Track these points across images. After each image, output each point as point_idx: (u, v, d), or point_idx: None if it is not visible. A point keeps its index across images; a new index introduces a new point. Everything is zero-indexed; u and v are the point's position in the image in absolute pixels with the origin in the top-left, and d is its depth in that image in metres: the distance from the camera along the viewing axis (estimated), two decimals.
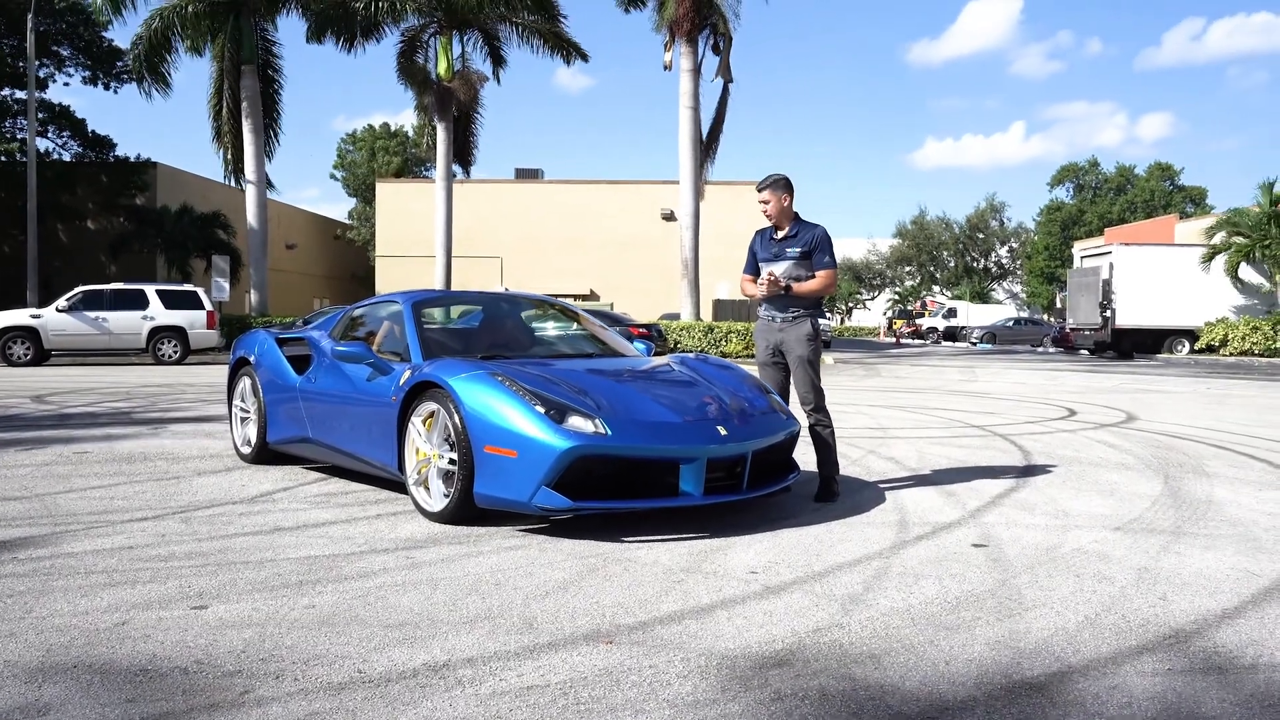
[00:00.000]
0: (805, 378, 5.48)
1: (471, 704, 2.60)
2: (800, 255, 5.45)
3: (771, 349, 5.55)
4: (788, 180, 5.55)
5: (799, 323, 5.46)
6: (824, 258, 5.47)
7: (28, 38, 25.09)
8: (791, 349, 5.46)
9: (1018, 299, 73.56)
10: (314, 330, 6.57)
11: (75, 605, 3.43)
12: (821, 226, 5.53)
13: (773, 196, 5.50)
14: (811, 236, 5.45)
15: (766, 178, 5.55)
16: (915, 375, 19.58)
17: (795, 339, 5.45)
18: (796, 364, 5.47)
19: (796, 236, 5.49)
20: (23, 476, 6.09)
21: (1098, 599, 3.66)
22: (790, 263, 5.45)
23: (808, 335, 5.46)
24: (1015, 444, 8.27)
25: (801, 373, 5.47)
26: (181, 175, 37.08)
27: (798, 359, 5.45)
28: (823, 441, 5.52)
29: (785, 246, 5.49)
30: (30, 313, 20.43)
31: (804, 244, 5.45)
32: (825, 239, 5.49)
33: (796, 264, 5.45)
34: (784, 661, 2.96)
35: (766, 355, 5.59)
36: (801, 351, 5.44)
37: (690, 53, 25.98)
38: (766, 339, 5.57)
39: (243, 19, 26.01)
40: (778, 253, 5.51)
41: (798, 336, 5.45)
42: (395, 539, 4.53)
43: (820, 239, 5.46)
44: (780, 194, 5.50)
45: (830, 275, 5.48)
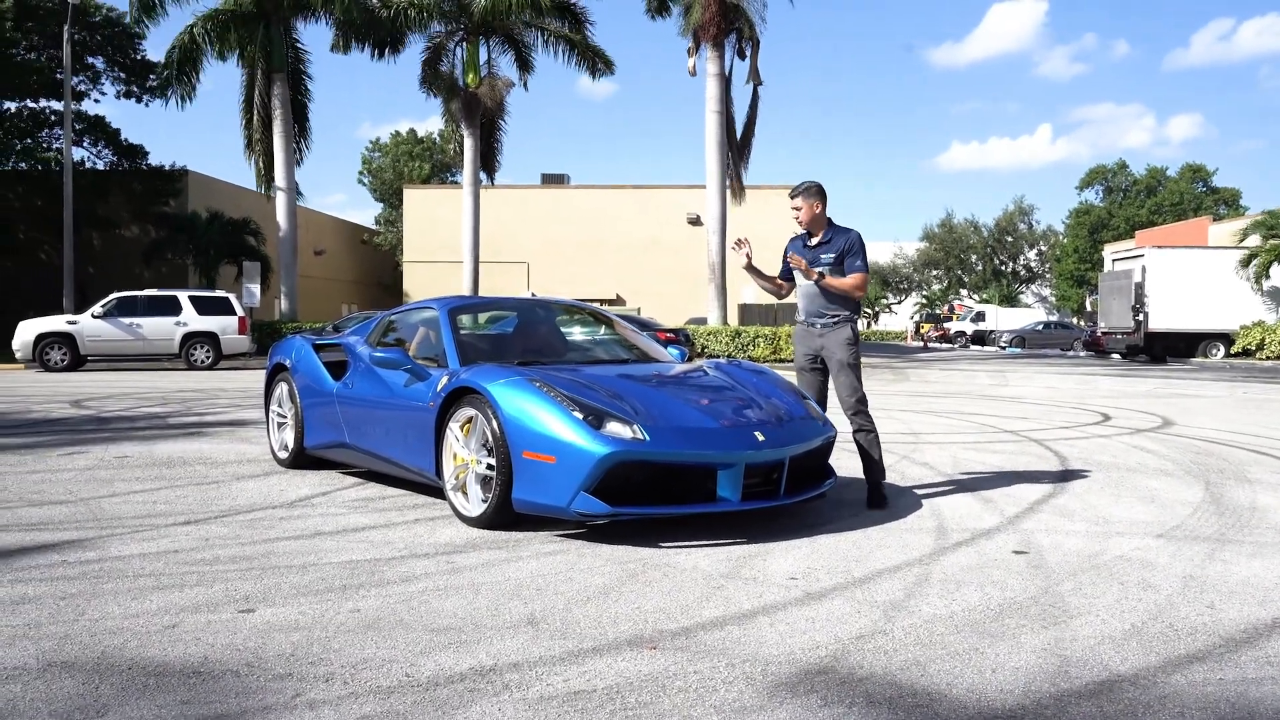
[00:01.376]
0: (847, 382, 5.48)
1: (520, 708, 2.61)
2: (834, 261, 5.49)
3: (811, 354, 5.58)
4: (820, 187, 5.59)
5: (839, 327, 5.49)
6: (856, 261, 5.50)
7: (64, 50, 25.49)
8: (832, 354, 5.48)
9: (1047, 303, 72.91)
10: (350, 336, 6.63)
11: (126, 608, 3.48)
12: (855, 231, 5.56)
13: (804, 203, 5.54)
14: (845, 242, 5.50)
15: (799, 185, 5.60)
16: (945, 380, 19.46)
17: (835, 343, 5.48)
18: (837, 369, 5.47)
19: (830, 242, 5.53)
20: (67, 480, 6.18)
21: (1143, 607, 3.62)
22: (824, 268, 5.50)
23: (848, 340, 5.48)
24: (1051, 449, 8.21)
25: (843, 377, 5.47)
26: (212, 182, 37.51)
27: (838, 363, 5.46)
28: (866, 447, 5.52)
29: (819, 253, 5.53)
30: (67, 319, 20.74)
31: (837, 249, 5.50)
32: (858, 243, 5.53)
33: (831, 269, 5.49)
34: (828, 668, 2.96)
35: (805, 361, 5.61)
36: (842, 356, 5.46)
37: (717, 57, 25.99)
38: (806, 344, 5.59)
39: (273, 28, 26.30)
40: (811, 259, 5.55)
41: (838, 341, 5.48)
42: (435, 544, 4.56)
43: (853, 243, 5.50)
44: (812, 201, 5.54)
45: (861, 278, 5.51)
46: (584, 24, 27.65)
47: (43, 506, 5.36)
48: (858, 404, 5.49)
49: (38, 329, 20.22)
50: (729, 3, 25.57)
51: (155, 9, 25.20)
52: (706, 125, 26.41)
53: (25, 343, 20.11)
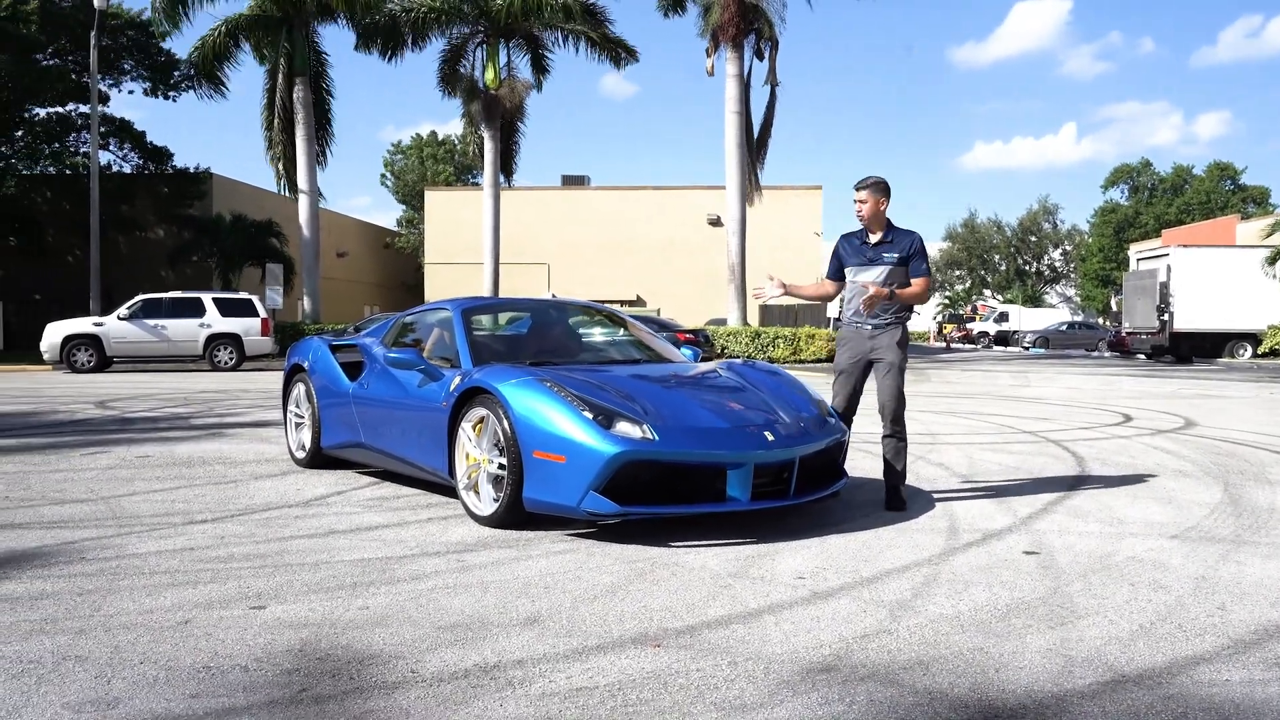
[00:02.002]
0: (892, 386, 5.37)
1: (522, 704, 2.64)
2: (898, 261, 5.34)
3: (858, 357, 5.43)
4: (886, 183, 5.41)
5: (892, 330, 5.37)
6: (921, 264, 5.38)
7: (91, 56, 25.81)
8: (883, 355, 5.36)
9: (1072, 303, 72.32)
10: (366, 337, 6.69)
11: (141, 604, 3.53)
12: (917, 233, 5.43)
13: (870, 198, 5.36)
14: (909, 243, 5.36)
15: (865, 178, 5.42)
16: (966, 380, 19.35)
17: (888, 346, 5.36)
18: (886, 370, 5.35)
19: (893, 243, 5.38)
20: (88, 480, 6.28)
21: (1153, 608, 3.60)
22: (887, 269, 5.34)
23: (899, 342, 5.38)
24: (1069, 450, 8.15)
25: (890, 380, 5.36)
26: (236, 185, 37.86)
27: (889, 365, 5.35)
28: (894, 453, 5.43)
29: (882, 252, 5.38)
30: (93, 321, 21.00)
31: (902, 250, 5.35)
32: (922, 246, 5.41)
33: (893, 271, 5.33)
34: (831, 667, 2.96)
35: (850, 363, 5.45)
36: (893, 359, 5.35)
37: (736, 58, 25.96)
38: (854, 347, 5.44)
39: (295, 32, 26.52)
40: (873, 258, 5.39)
41: (889, 344, 5.36)
42: (446, 542, 4.60)
43: (917, 246, 5.38)
44: (878, 196, 5.37)
45: (927, 283, 5.41)
46: (604, 22, 27.70)
47: (64, 505, 5.44)
48: (898, 408, 5.38)
49: (65, 331, 20.49)
50: (748, 3, 25.54)
51: (179, 16, 25.47)
52: (726, 126, 26.38)
53: (53, 344, 20.38)
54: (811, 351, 24.64)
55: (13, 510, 5.29)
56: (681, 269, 41.41)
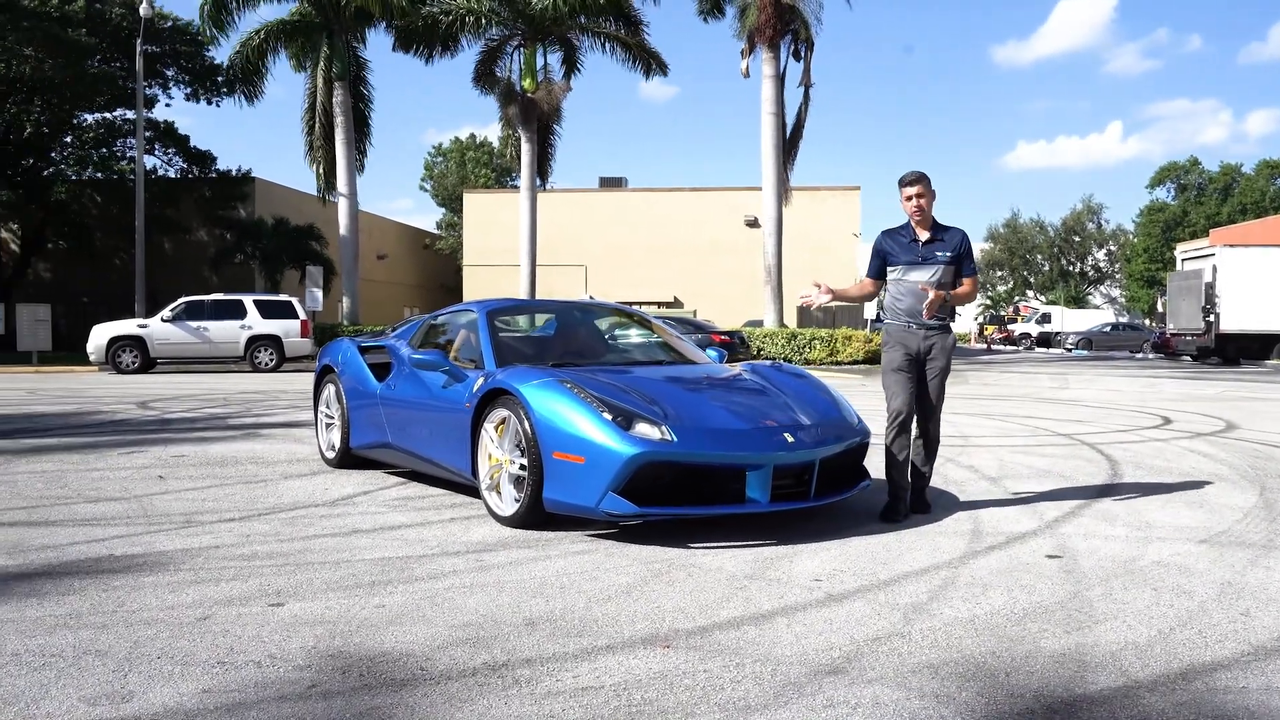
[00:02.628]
0: (939, 389, 5.31)
1: (526, 703, 2.66)
2: (950, 260, 5.19)
3: (912, 355, 5.22)
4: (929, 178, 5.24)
5: (945, 333, 5.27)
6: (970, 264, 5.29)
7: (136, 61, 26.34)
8: (936, 359, 5.24)
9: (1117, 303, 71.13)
10: (394, 339, 6.77)
11: (163, 600, 3.61)
12: (963, 230, 5.31)
13: (927, 191, 5.17)
14: (959, 241, 5.23)
15: (913, 172, 5.21)
16: (1004, 382, 19.11)
17: (941, 349, 5.24)
18: (937, 374, 5.24)
19: (944, 241, 5.22)
20: (123, 479, 6.41)
21: (1174, 613, 3.55)
22: (940, 268, 5.18)
23: (954, 344, 5.35)
24: (1102, 453, 8.03)
25: (938, 384, 5.28)
26: (277, 189, 38.41)
27: (940, 369, 5.25)
28: (926, 455, 5.36)
29: (934, 250, 5.20)
30: (138, 323, 21.41)
31: (953, 249, 5.20)
32: (969, 244, 5.31)
33: (947, 269, 5.19)
34: (839, 669, 2.95)
35: (904, 361, 5.22)
36: (943, 362, 5.26)
37: (772, 59, 25.86)
38: (906, 345, 5.22)
39: (335, 37, 26.85)
40: (925, 256, 5.20)
41: (943, 347, 5.24)
42: (467, 542, 4.64)
43: (967, 245, 5.28)
44: (933, 192, 5.21)
45: (975, 282, 5.36)
46: (639, 26, 27.75)
47: (98, 503, 5.57)
48: (938, 416, 5.36)
49: (110, 332, 20.91)
50: (785, 4, 25.44)
51: (224, 22, 25.91)
52: (762, 128, 26.29)
53: (99, 346, 20.81)
54: (849, 353, 24.47)
55: (49, 508, 5.42)
56: (719, 270, 41.33)
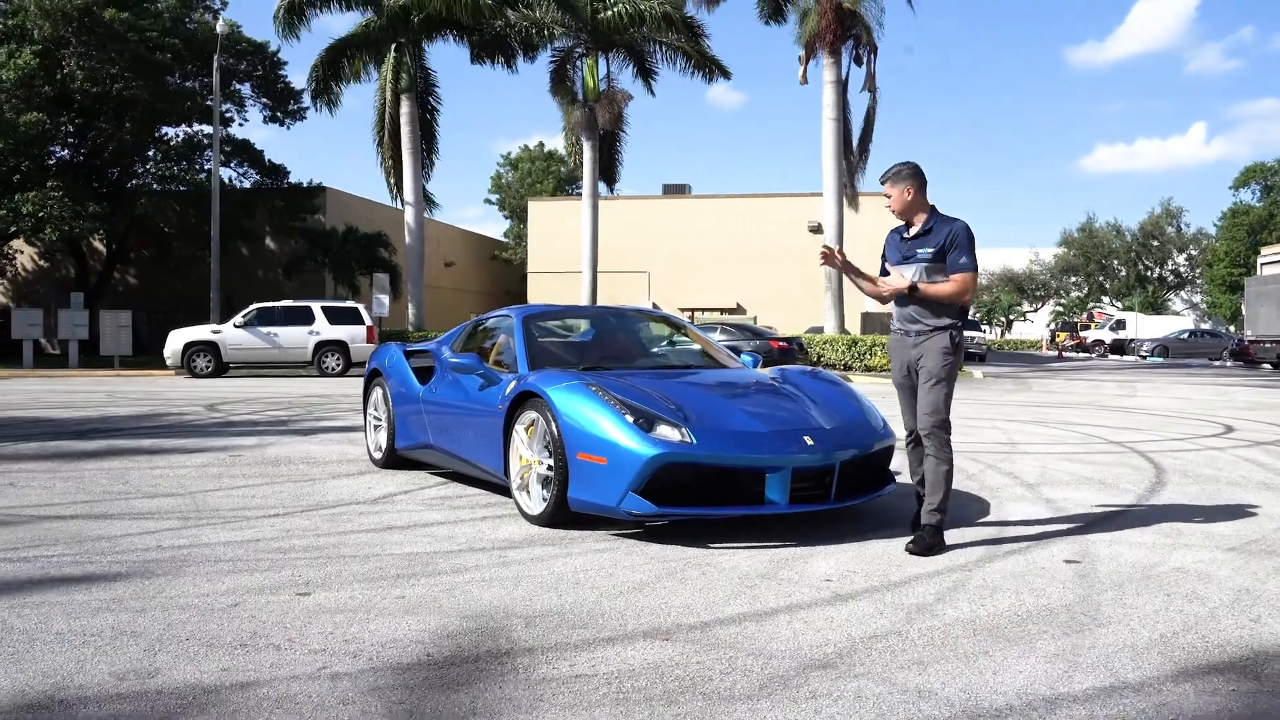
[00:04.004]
0: (930, 399, 4.63)
1: (519, 688, 2.80)
2: (934, 255, 4.69)
3: (905, 367, 4.80)
4: (915, 169, 4.80)
5: (937, 335, 4.66)
6: (961, 258, 4.66)
7: (214, 76, 27.32)
8: (924, 364, 4.67)
9: (1197, 309, 68.95)
10: (437, 343, 6.99)
11: (200, 588, 3.83)
12: (961, 221, 4.74)
13: (894, 189, 4.79)
14: (948, 233, 4.68)
15: (890, 168, 4.86)
16: (1068, 390, 18.75)
17: (930, 352, 4.66)
18: (926, 378, 4.64)
19: (930, 234, 4.73)
20: (182, 476, 6.73)
21: (1181, 618, 3.54)
22: (922, 265, 4.70)
23: (944, 349, 4.64)
24: (1151, 461, 7.90)
25: (928, 389, 4.64)
26: (348, 198, 39.37)
27: (928, 374, 4.64)
28: (935, 476, 4.65)
29: (916, 246, 4.76)
30: (211, 328, 22.18)
31: (938, 242, 4.69)
32: (965, 235, 4.68)
33: (930, 266, 4.69)
34: (830, 664, 3.03)
35: (901, 375, 4.84)
36: (933, 366, 4.63)
37: (833, 65, 25.75)
38: (900, 357, 4.82)
39: (403, 50, 27.51)
40: (908, 254, 4.78)
41: (933, 349, 4.66)
42: (494, 539, 4.80)
43: (958, 235, 4.67)
44: (903, 185, 4.77)
45: (968, 279, 4.65)
46: (700, 36, 27.90)
47: (155, 498, 5.87)
48: (936, 425, 4.64)
49: (186, 338, 21.69)
50: (846, 9, 25.33)
51: (296, 26, 26.73)
52: (823, 133, 26.18)
53: (175, 351, 21.61)
54: None
55: (109, 502, 5.74)
56: (782, 277, 41.16)
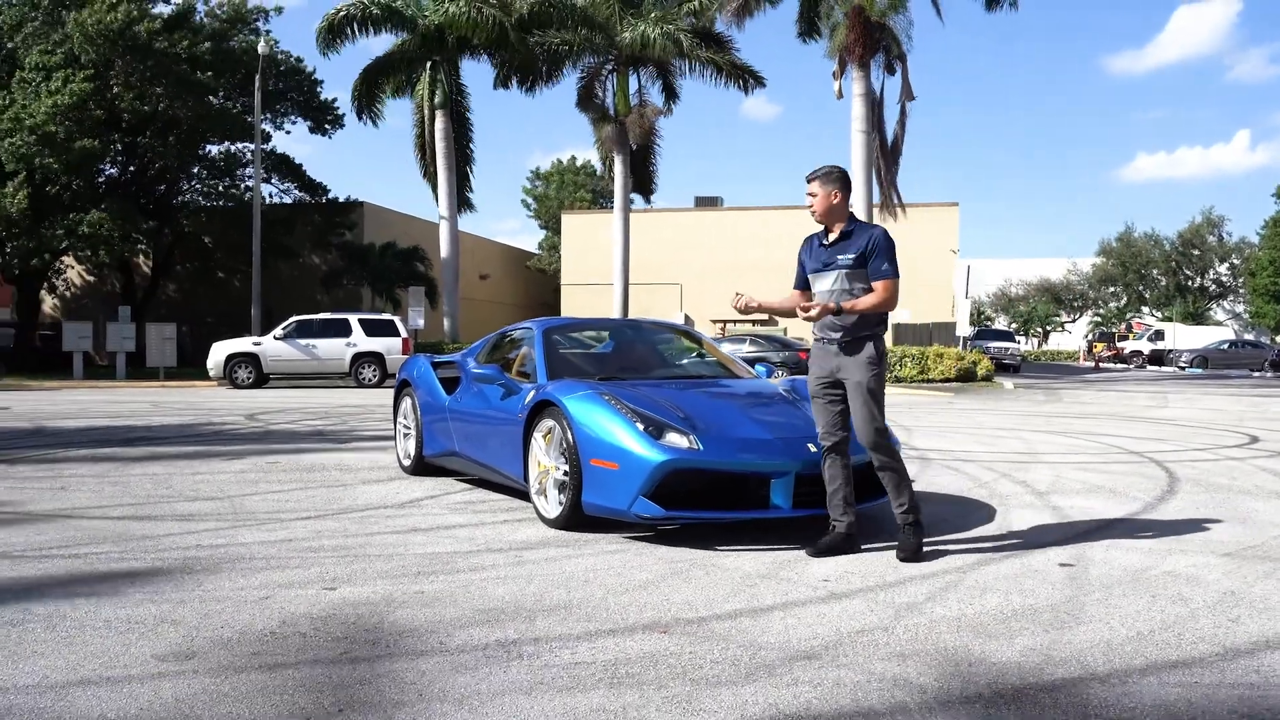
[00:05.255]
0: (864, 410, 4.60)
1: (523, 672, 3.03)
2: (854, 263, 4.63)
3: (825, 378, 4.72)
4: (843, 173, 4.76)
5: (859, 345, 4.64)
6: (882, 265, 4.59)
7: (255, 97, 28.02)
8: (849, 375, 4.64)
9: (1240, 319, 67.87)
10: (463, 354, 7.27)
11: (234, 583, 4.11)
12: (881, 228, 4.71)
13: (821, 190, 4.67)
14: (867, 240, 4.62)
15: (818, 168, 4.73)
16: (1099, 401, 18.69)
17: (855, 364, 4.63)
18: (854, 392, 4.62)
19: (850, 239, 4.66)
20: (221, 481, 7.06)
21: (1161, 617, 3.69)
22: (841, 273, 4.65)
23: (869, 359, 4.63)
24: (1167, 470, 7.98)
25: (859, 403, 4.61)
26: (385, 213, 40.06)
27: (856, 386, 4.61)
28: (895, 485, 4.66)
29: (837, 252, 4.68)
30: (252, 340, 22.76)
31: (858, 249, 4.62)
32: (885, 242, 4.64)
33: (850, 274, 4.63)
34: (814, 655, 3.23)
35: (818, 386, 4.75)
36: (860, 378, 4.61)
37: (862, 77, 25.88)
38: (821, 366, 4.75)
39: (438, 68, 28.05)
40: (827, 261, 4.71)
41: (858, 361, 4.62)
42: (511, 541, 5.05)
43: (878, 242, 4.62)
44: (831, 188, 4.67)
45: (890, 286, 4.59)
46: (727, 45, 28.20)
47: (195, 502, 6.19)
48: (877, 436, 4.61)
49: (228, 350, 22.28)
50: (874, 22, 25.47)
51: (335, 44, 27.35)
52: (852, 145, 26.29)
53: (217, 362, 22.20)
54: (940, 371, 24.23)
55: (153, 505, 6.06)
56: None
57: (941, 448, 9.59)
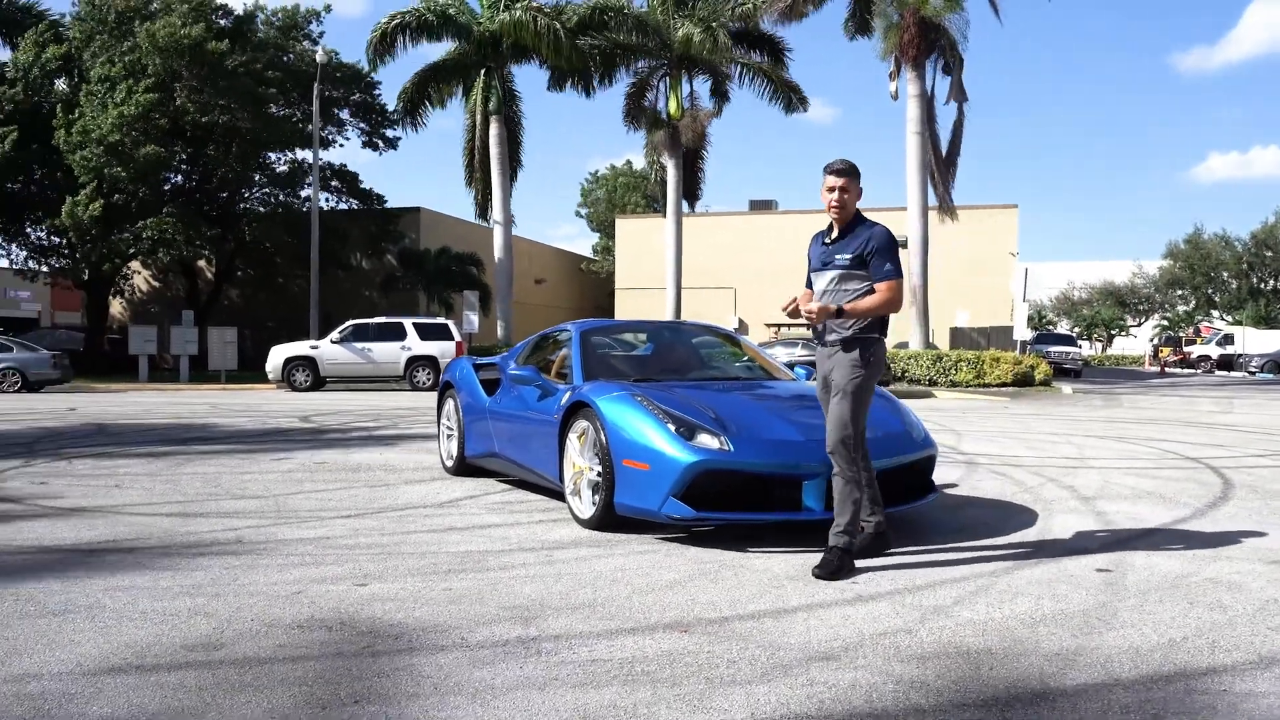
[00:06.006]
0: (836, 413, 4.39)
1: (539, 668, 3.06)
2: (850, 264, 4.46)
3: (823, 379, 4.60)
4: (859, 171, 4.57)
5: (849, 347, 4.44)
6: (884, 265, 4.41)
7: (314, 105, 28.61)
8: (834, 377, 4.46)
9: None
10: (503, 357, 7.34)
11: (269, 578, 4.21)
12: (881, 225, 4.52)
13: (853, 186, 4.49)
14: (867, 239, 4.45)
15: (844, 162, 4.53)
16: (1160, 406, 18.22)
17: (839, 365, 4.44)
18: (835, 393, 4.43)
19: (848, 239, 4.50)
20: (269, 480, 7.22)
21: (1196, 624, 3.60)
22: (840, 272, 4.50)
23: (854, 363, 4.40)
24: (1222, 476, 7.76)
25: (834, 403, 4.42)
26: (441, 219, 40.60)
27: (837, 388, 4.42)
28: (842, 495, 4.40)
29: (834, 252, 4.52)
30: (310, 344, 23.22)
31: (856, 248, 4.45)
32: (886, 241, 4.45)
33: (847, 274, 4.48)
34: (833, 656, 3.21)
35: (821, 390, 4.67)
36: (841, 381, 4.40)
37: (916, 78, 25.60)
38: (820, 368, 4.64)
39: (492, 74, 28.37)
40: (826, 260, 4.56)
41: (842, 363, 4.43)
42: (544, 540, 5.09)
43: (879, 242, 4.43)
44: (859, 185, 4.52)
45: (892, 287, 4.39)
46: (782, 55, 28.08)
47: (241, 500, 6.34)
48: (839, 442, 4.37)
49: (286, 353, 22.76)
50: (929, 22, 25.18)
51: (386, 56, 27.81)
52: (907, 146, 26.02)
53: (276, 365, 22.68)
54: (996, 375, 23.81)
55: (201, 502, 6.22)
56: None
57: (989, 452, 9.44)
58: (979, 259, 38.66)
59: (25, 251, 33.31)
